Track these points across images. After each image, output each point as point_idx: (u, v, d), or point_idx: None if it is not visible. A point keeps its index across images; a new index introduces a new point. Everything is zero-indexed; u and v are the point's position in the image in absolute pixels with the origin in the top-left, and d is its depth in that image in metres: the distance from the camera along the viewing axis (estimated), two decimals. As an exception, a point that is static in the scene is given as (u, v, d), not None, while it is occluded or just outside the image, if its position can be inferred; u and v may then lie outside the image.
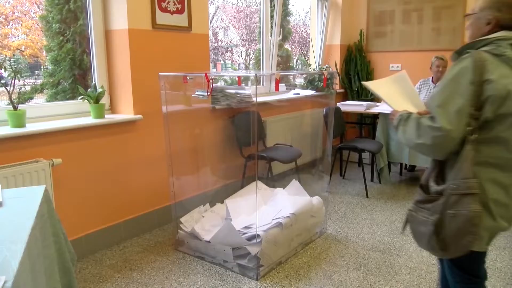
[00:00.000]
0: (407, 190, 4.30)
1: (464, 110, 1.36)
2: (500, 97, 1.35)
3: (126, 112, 3.08)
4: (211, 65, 4.99)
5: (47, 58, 3.04)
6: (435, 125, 1.39)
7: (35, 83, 3.02)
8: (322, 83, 4.96)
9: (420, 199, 1.55)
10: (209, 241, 2.73)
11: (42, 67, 3.11)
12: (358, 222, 3.43)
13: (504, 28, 1.44)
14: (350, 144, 4.36)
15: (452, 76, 1.41)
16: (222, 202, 3.23)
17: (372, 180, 4.61)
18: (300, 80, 5.66)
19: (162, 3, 3.11)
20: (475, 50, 1.42)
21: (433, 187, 1.50)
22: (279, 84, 2.57)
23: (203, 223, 2.94)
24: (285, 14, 5.41)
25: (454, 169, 1.42)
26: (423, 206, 1.52)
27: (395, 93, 1.71)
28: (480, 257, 1.57)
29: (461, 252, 1.43)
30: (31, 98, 2.97)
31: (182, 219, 2.98)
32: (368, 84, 1.73)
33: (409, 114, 1.55)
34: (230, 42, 8.47)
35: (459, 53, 1.46)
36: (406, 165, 4.91)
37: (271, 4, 4.68)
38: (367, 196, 4.08)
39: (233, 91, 3.67)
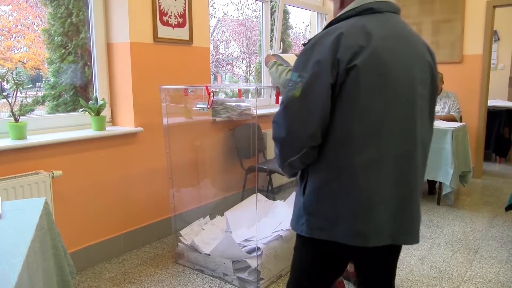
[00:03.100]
0: (408, 202, 4.28)
1: None
2: None
3: (127, 125, 3.09)
4: (212, 77, 5.02)
5: (49, 70, 3.06)
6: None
7: (37, 95, 3.04)
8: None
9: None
10: (209, 254, 2.72)
11: (43, 79, 3.13)
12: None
13: None
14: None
15: None
16: (222, 214, 3.22)
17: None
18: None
19: (163, 17, 3.14)
20: None
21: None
22: (280, 97, 2.60)
23: (203, 236, 2.93)
24: (285, 27, 5.46)
25: None
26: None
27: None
28: None
29: None
30: (32, 110, 2.98)
31: (182, 232, 2.96)
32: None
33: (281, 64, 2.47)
34: (230, 55, 8.53)
35: None
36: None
37: (271, 17, 4.73)
38: (368, 209, 4.06)
39: (233, 104, 3.68)
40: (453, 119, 4.43)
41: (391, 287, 1.53)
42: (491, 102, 5.85)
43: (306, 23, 5.83)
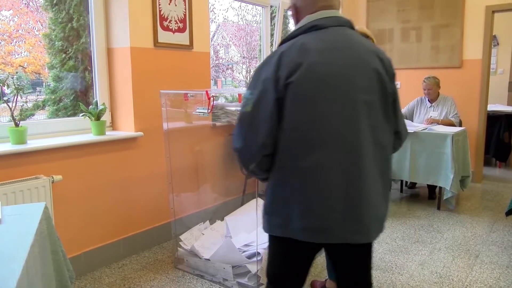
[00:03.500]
0: (408, 207, 4.28)
1: None
2: None
3: (127, 129, 3.09)
4: (212, 82, 5.03)
5: (49, 75, 3.07)
6: None
7: (37, 99, 3.04)
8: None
9: None
10: (208, 259, 2.71)
11: (44, 84, 3.13)
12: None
13: None
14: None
15: None
16: (222, 219, 3.22)
17: (372, 197, 4.59)
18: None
19: (164, 22, 3.15)
20: None
21: None
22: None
23: (203, 241, 2.92)
24: (285, 32, 5.47)
25: None
26: None
27: None
28: None
29: None
30: (33, 114, 2.98)
31: (181, 237, 2.96)
32: None
33: None
34: (230, 59, 8.55)
35: None
36: (406, 182, 4.90)
37: (271, 22, 4.74)
38: (368, 214, 4.05)
39: (233, 108, 3.69)
40: (451, 124, 4.43)
41: (363, 282, 1.63)
42: (491, 107, 5.86)
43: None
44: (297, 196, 1.38)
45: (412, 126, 4.27)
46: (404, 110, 4.81)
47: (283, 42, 1.45)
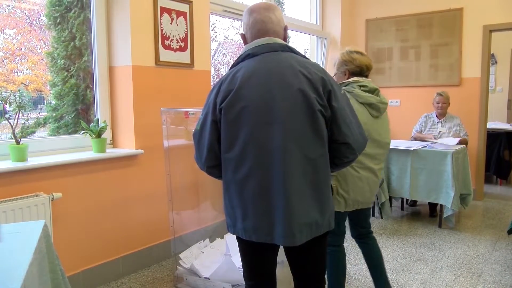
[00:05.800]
0: (409, 225, 4.25)
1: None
2: None
3: (127, 147, 3.10)
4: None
5: (51, 92, 3.09)
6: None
7: (38, 117, 3.06)
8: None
9: None
10: (208, 278, 2.68)
11: (45, 101, 3.15)
12: (360, 258, 3.38)
13: (354, 75, 2.32)
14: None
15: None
16: (222, 237, 3.20)
17: (373, 215, 4.57)
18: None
19: (165, 41, 3.19)
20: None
21: None
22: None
23: (203, 259, 2.90)
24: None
25: None
26: None
27: None
28: (340, 217, 2.32)
29: None
30: (34, 132, 2.99)
31: (181, 255, 2.93)
32: None
33: None
34: (231, 77, 8.60)
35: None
36: (407, 200, 4.88)
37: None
38: (369, 232, 4.02)
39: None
40: (466, 142, 4.45)
41: (305, 278, 1.77)
42: (490, 125, 5.88)
43: (305, 47, 5.91)
44: (237, 201, 1.59)
45: (411, 144, 4.28)
46: (414, 131, 4.85)
47: (231, 67, 1.65)
